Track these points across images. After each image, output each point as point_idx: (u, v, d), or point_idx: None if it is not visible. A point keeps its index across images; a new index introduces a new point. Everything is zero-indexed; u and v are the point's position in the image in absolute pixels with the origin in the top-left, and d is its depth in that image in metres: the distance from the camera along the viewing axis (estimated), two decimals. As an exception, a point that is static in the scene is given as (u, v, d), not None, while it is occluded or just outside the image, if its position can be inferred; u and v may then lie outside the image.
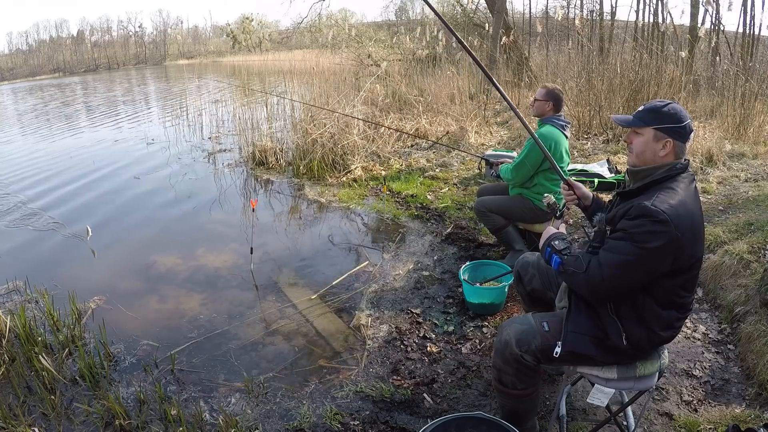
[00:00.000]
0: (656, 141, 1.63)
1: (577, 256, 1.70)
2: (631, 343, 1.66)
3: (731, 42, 9.02)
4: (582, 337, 1.70)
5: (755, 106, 6.12)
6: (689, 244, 1.55)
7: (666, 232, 1.49)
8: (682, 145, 1.64)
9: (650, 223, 1.51)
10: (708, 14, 8.88)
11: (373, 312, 3.12)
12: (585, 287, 1.65)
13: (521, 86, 8.63)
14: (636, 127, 1.67)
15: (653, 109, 1.65)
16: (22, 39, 60.82)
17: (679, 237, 1.51)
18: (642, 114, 1.67)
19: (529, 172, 3.28)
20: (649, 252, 1.51)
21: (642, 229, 1.52)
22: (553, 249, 1.77)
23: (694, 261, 1.60)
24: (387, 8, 47.48)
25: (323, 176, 5.94)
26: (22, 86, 30.58)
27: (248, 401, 2.40)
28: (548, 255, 1.79)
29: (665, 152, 1.63)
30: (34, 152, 8.51)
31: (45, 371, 2.53)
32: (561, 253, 1.74)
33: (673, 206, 1.52)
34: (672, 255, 1.53)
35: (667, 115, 1.62)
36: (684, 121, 1.62)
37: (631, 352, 1.69)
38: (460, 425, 1.76)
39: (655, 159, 1.65)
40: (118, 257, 4.17)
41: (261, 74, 9.90)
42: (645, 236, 1.51)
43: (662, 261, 1.53)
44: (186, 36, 62.91)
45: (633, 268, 1.54)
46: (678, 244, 1.51)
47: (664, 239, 1.50)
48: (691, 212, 1.56)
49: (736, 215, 3.86)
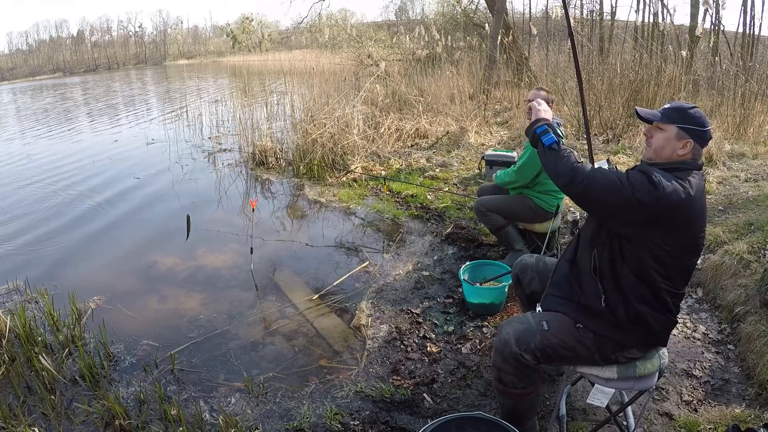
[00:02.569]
0: (678, 139, 1.67)
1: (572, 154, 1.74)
2: (609, 306, 1.70)
3: (731, 42, 9.03)
4: (557, 298, 1.83)
5: (755, 106, 6.13)
6: (672, 224, 1.60)
7: (651, 192, 1.56)
8: (699, 149, 1.69)
9: (645, 177, 1.60)
10: (708, 14, 8.89)
11: (373, 312, 3.12)
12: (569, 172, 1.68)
13: (521, 86, 8.62)
14: (660, 123, 1.70)
15: (680, 108, 1.70)
16: (22, 39, 60.85)
17: (663, 207, 1.57)
18: (668, 111, 1.70)
19: (533, 172, 3.29)
20: (632, 188, 1.58)
21: (636, 177, 1.61)
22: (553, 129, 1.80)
23: (678, 244, 1.62)
24: (387, 8, 47.54)
25: (323, 176, 5.94)
26: (22, 86, 30.58)
27: (248, 401, 2.40)
28: (541, 131, 1.81)
29: (684, 152, 1.67)
30: (33, 152, 8.52)
31: (45, 371, 2.53)
32: (559, 137, 1.79)
33: (669, 180, 1.59)
34: (646, 215, 1.58)
35: (692, 117, 1.67)
36: (707, 126, 1.68)
37: (609, 318, 1.70)
38: (460, 425, 1.76)
39: (672, 156, 1.69)
40: (118, 257, 4.17)
41: (261, 74, 9.90)
42: (636, 181, 1.59)
43: (635, 210, 1.58)
44: (186, 36, 62.91)
45: (613, 189, 1.60)
46: (657, 210, 1.57)
47: (647, 196, 1.56)
48: (687, 200, 1.59)
49: (736, 215, 3.86)
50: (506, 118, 8.27)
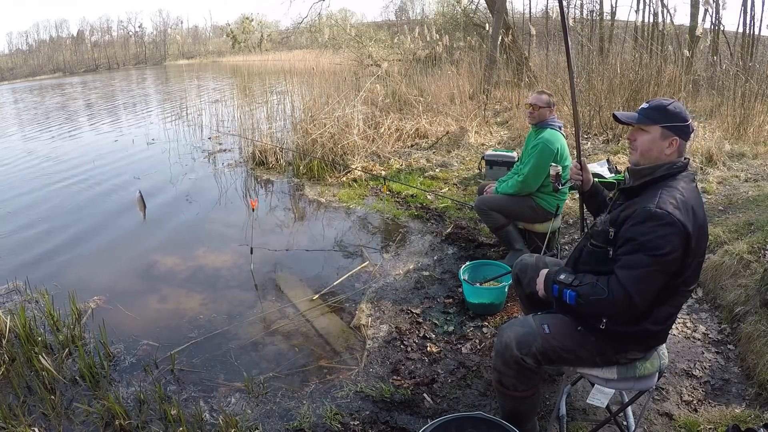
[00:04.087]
0: (663, 139, 1.63)
1: (591, 283, 1.63)
2: (609, 328, 1.66)
3: (731, 42, 9.02)
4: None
5: (755, 106, 6.12)
6: (696, 241, 1.56)
7: (675, 233, 1.50)
8: (684, 144, 1.66)
9: (659, 227, 1.50)
10: (708, 14, 8.89)
11: (373, 312, 3.12)
12: (614, 309, 1.58)
13: (521, 86, 8.62)
14: (643, 125, 1.66)
15: (660, 107, 1.65)
16: (22, 39, 60.83)
17: (688, 235, 1.51)
18: (649, 112, 1.65)
19: (537, 183, 3.30)
20: (665, 257, 1.50)
21: (652, 236, 1.50)
22: (562, 284, 1.71)
23: (701, 260, 1.62)
24: (387, 8, 47.56)
25: (323, 176, 5.94)
26: (22, 86, 30.58)
27: (248, 401, 2.40)
28: (557, 292, 1.72)
29: (671, 150, 1.64)
30: (33, 152, 8.52)
31: (45, 371, 2.53)
32: (572, 286, 1.67)
33: (677, 206, 1.52)
34: (683, 253, 1.53)
35: (673, 113, 1.63)
36: (688, 119, 1.64)
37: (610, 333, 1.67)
38: (460, 425, 1.76)
39: (660, 157, 1.65)
40: (118, 257, 4.17)
41: (261, 74, 9.89)
42: (657, 242, 1.50)
43: (676, 260, 1.53)
44: (186, 36, 62.90)
45: (655, 277, 1.52)
46: (687, 242, 1.52)
47: (675, 241, 1.50)
48: (695, 212, 1.56)
49: (736, 215, 3.86)
50: (506, 118, 8.27)
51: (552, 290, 1.75)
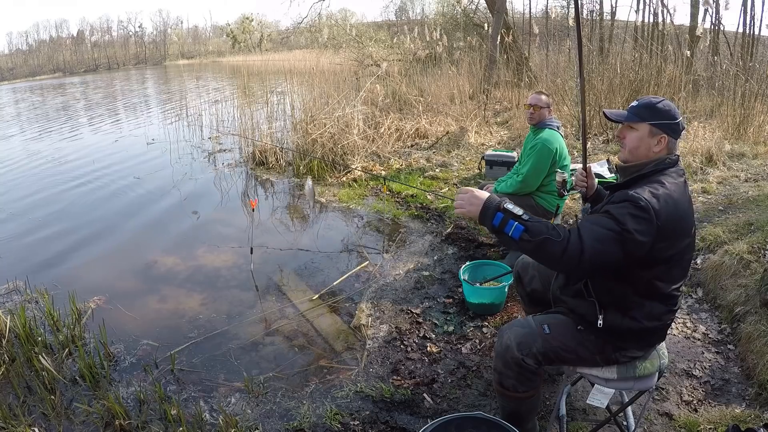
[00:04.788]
0: (651, 137, 1.64)
1: (546, 223, 1.52)
2: (607, 322, 1.66)
3: (731, 42, 9.02)
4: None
5: (755, 106, 6.12)
6: (669, 236, 1.55)
7: (646, 218, 1.49)
8: (674, 142, 1.66)
9: (631, 207, 1.50)
10: (708, 14, 8.89)
11: (373, 312, 3.12)
12: (560, 257, 1.48)
13: (521, 86, 8.63)
14: (632, 123, 1.67)
15: (648, 104, 1.66)
16: (22, 39, 60.80)
17: (660, 226, 1.50)
18: (637, 109, 1.67)
19: (537, 182, 3.29)
20: (629, 233, 1.48)
21: (623, 211, 1.51)
22: (509, 213, 1.50)
23: (674, 253, 1.58)
24: (387, 8, 47.57)
25: (323, 176, 5.94)
26: (22, 86, 30.57)
27: (248, 401, 2.40)
28: (500, 221, 1.50)
29: (659, 148, 1.64)
30: (33, 152, 8.52)
31: (45, 371, 2.53)
32: (521, 219, 1.50)
33: (655, 195, 1.53)
34: (650, 243, 1.51)
35: (662, 111, 1.64)
36: (678, 117, 1.65)
37: (608, 330, 1.67)
38: (460, 425, 1.76)
39: (649, 154, 1.66)
40: (118, 257, 4.17)
41: (261, 74, 9.90)
42: (626, 217, 1.50)
43: (640, 245, 1.50)
44: (186, 36, 62.92)
45: (612, 243, 1.49)
46: (657, 233, 1.51)
47: (643, 225, 1.49)
48: (675, 204, 1.55)
49: (736, 215, 3.86)
50: (506, 118, 8.27)
51: (493, 218, 1.51)
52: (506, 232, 1.50)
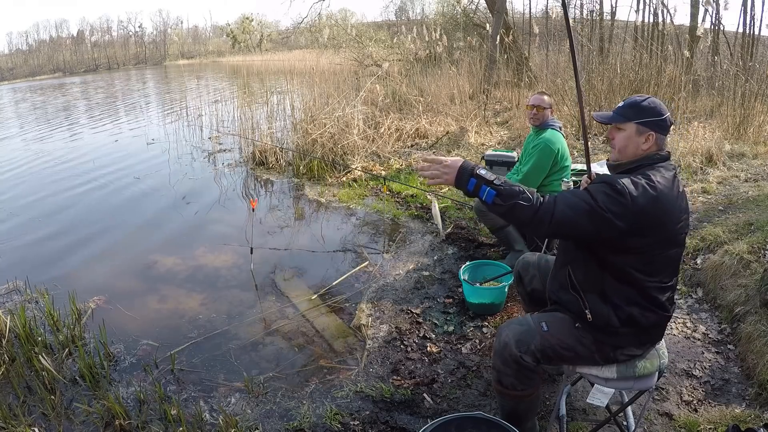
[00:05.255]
0: (639, 135, 1.66)
1: (517, 187, 1.57)
2: (596, 317, 1.68)
3: (731, 42, 9.02)
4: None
5: (755, 106, 6.12)
6: (646, 225, 1.56)
7: (620, 202, 1.52)
8: (663, 138, 1.67)
9: (608, 188, 1.55)
10: (708, 14, 8.89)
11: (373, 312, 3.12)
12: (533, 218, 1.55)
13: (521, 86, 8.63)
14: (618, 123, 1.69)
15: (633, 104, 1.68)
16: (22, 39, 60.78)
17: (635, 212, 1.52)
18: (622, 110, 1.69)
19: (538, 180, 3.30)
20: (601, 210, 1.52)
21: (600, 190, 1.56)
22: (482, 179, 1.58)
23: (647, 243, 1.59)
24: (387, 8, 47.59)
25: (323, 176, 5.94)
26: (22, 86, 30.58)
27: (248, 401, 2.40)
28: (474, 186, 1.59)
29: (648, 145, 1.66)
30: (33, 152, 8.52)
31: (45, 371, 2.53)
32: (493, 184, 1.57)
33: (635, 183, 1.55)
34: (621, 226, 1.53)
35: (647, 109, 1.65)
36: (664, 113, 1.66)
37: (600, 326, 1.68)
38: (460, 425, 1.76)
39: (637, 152, 1.67)
40: (118, 257, 4.16)
41: (261, 74, 9.91)
42: (601, 195, 1.54)
43: (610, 224, 1.53)
44: (186, 36, 62.92)
45: (583, 214, 1.54)
46: (631, 218, 1.52)
47: (616, 207, 1.52)
48: (657, 197, 1.55)
49: (736, 215, 3.86)
50: (506, 118, 8.27)
51: (468, 183, 1.60)
52: (480, 197, 1.60)
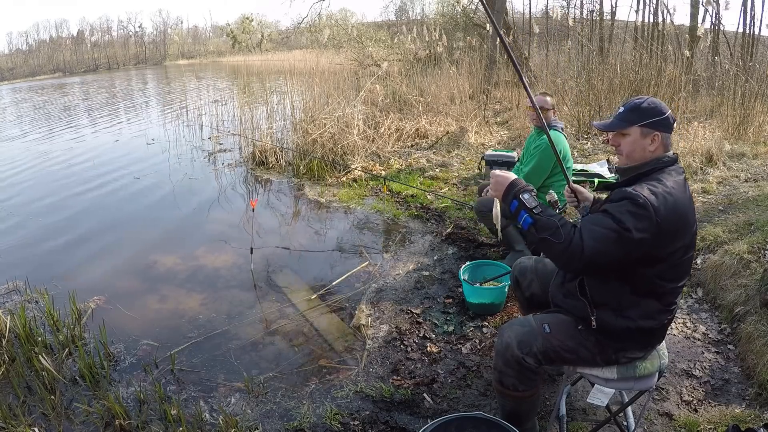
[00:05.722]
0: (644, 137, 1.64)
1: (555, 223, 1.58)
2: (600, 324, 1.67)
3: (731, 42, 9.02)
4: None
5: (755, 106, 6.12)
6: (670, 234, 1.54)
7: (645, 216, 1.49)
8: (668, 137, 1.67)
9: (630, 205, 1.52)
10: (708, 14, 8.89)
11: (373, 312, 3.12)
12: (562, 257, 1.57)
13: (521, 86, 8.62)
14: (622, 129, 1.68)
15: (634, 107, 1.67)
16: (22, 39, 60.85)
17: (659, 223, 1.50)
18: (624, 115, 1.67)
19: (539, 181, 3.30)
20: (628, 232, 1.49)
21: (623, 209, 1.52)
22: (523, 204, 1.64)
23: (674, 250, 1.58)
24: (387, 8, 47.60)
25: (323, 176, 5.94)
26: (23, 86, 30.58)
27: (248, 401, 2.40)
28: (515, 209, 1.67)
29: (654, 146, 1.65)
30: (33, 152, 8.52)
31: (45, 371, 2.53)
32: (533, 212, 1.62)
33: (654, 192, 1.53)
34: (650, 240, 1.51)
35: (648, 110, 1.64)
36: (666, 111, 1.65)
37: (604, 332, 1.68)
38: (460, 425, 1.76)
39: (645, 155, 1.66)
40: (118, 257, 4.16)
41: (261, 74, 9.92)
42: (624, 216, 1.51)
43: (638, 243, 1.51)
44: (186, 36, 62.92)
45: (612, 244, 1.51)
46: (657, 230, 1.51)
47: (643, 222, 1.50)
48: (675, 202, 1.55)
49: (736, 215, 3.86)
50: (506, 118, 8.27)
51: (511, 204, 1.68)
52: (518, 221, 1.65)
